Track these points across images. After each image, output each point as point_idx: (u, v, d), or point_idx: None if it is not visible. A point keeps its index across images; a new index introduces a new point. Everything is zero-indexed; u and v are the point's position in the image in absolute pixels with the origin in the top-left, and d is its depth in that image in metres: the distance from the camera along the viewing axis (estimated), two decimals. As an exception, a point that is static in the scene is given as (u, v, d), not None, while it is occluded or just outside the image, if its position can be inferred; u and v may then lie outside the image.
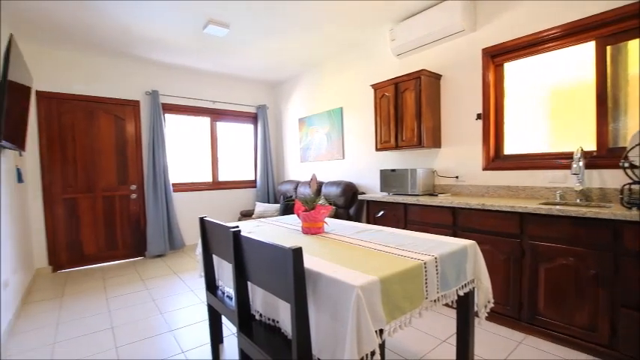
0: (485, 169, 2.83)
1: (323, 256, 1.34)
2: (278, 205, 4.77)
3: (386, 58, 3.65)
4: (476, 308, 1.56)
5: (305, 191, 4.43)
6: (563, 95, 2.48)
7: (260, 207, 4.78)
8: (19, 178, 3.14)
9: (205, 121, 5.03)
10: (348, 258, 1.31)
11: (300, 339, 1.06)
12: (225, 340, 2.24)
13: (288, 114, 5.42)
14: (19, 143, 2.42)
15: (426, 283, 1.25)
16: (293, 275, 1.02)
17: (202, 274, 1.98)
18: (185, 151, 4.87)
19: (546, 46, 2.48)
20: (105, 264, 4.19)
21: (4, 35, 2.94)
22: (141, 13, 3.03)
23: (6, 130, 1.97)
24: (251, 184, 5.49)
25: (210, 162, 5.09)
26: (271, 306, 1.41)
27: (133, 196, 4.37)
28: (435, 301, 1.30)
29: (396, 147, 3.25)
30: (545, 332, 2.08)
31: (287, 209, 4.46)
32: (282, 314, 1.33)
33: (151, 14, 3.07)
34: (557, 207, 2.00)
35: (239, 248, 1.36)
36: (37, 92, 3.69)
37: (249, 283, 1.46)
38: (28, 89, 2.65)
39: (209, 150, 5.07)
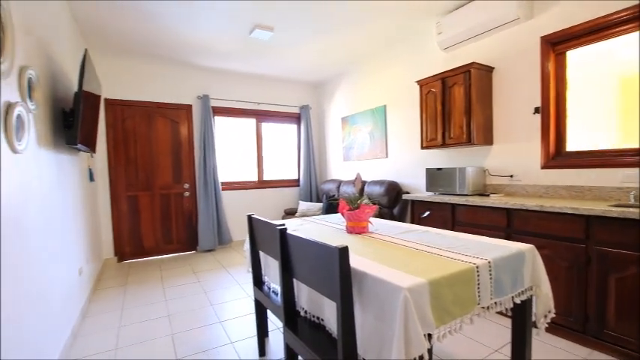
0: (544, 167, 2.62)
1: (368, 256, 1.33)
2: (321, 204, 4.81)
3: (431, 53, 3.52)
4: (534, 318, 1.45)
5: (348, 190, 4.42)
6: (635, 84, 2.20)
7: (303, 205, 4.86)
8: (91, 178, 3.51)
9: (251, 122, 5.23)
10: (394, 258, 1.29)
11: (345, 338, 1.06)
12: (270, 334, 2.31)
13: (331, 113, 5.45)
14: (91, 146, 2.70)
15: (479, 288, 1.18)
16: (339, 274, 1.02)
17: (250, 269, 2.06)
18: (232, 151, 5.11)
19: (614, 30, 2.22)
20: (161, 256, 4.53)
21: (80, 50, 3.30)
22: (195, 23, 3.23)
23: (81, 134, 2.21)
24: (294, 183, 5.61)
25: (256, 162, 5.28)
26: (316, 303, 1.42)
27: (186, 194, 4.68)
28: (487, 307, 1.23)
29: (443, 145, 3.12)
30: (616, 349, 1.87)
31: (330, 208, 4.49)
32: (327, 312, 1.34)
33: (204, 24, 3.25)
34: (632, 209, 1.79)
35: (285, 246, 1.39)
36: (105, 100, 4.09)
37: (294, 280, 1.49)
38: (98, 98, 2.95)
39: (255, 150, 5.27)
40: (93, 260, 3.40)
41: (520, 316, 1.44)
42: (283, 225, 1.41)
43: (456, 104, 2.95)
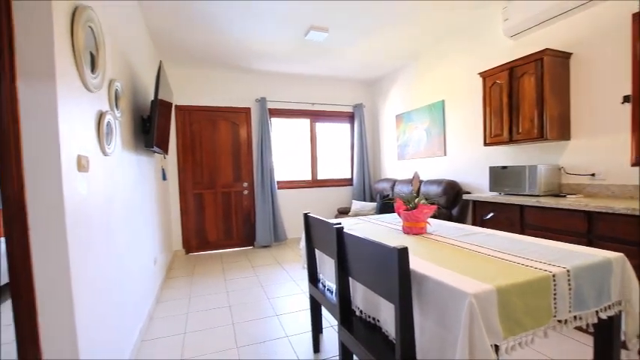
0: (635, 164, 2.27)
1: (428, 258, 1.28)
2: (374, 204, 4.75)
3: (496, 42, 3.26)
4: (623, 337, 1.27)
5: (403, 190, 4.30)
6: None
7: (357, 205, 4.84)
8: (164, 177, 3.88)
9: (305, 122, 5.34)
10: (457, 262, 1.22)
11: (404, 342, 1.03)
12: (324, 330, 2.34)
13: (385, 111, 5.34)
14: (164, 148, 2.99)
15: (555, 299, 1.07)
16: (398, 276, 0.99)
17: (305, 266, 2.11)
18: (288, 151, 5.27)
19: None
20: (222, 250, 4.84)
21: (155, 61, 3.67)
22: (255, 31, 3.40)
23: (156, 138, 2.46)
24: (348, 182, 5.61)
25: (310, 161, 5.38)
26: (372, 304, 1.41)
27: (245, 192, 4.95)
28: (565, 321, 1.10)
29: (510, 141, 2.87)
30: None
31: (384, 208, 4.40)
32: (384, 314, 1.32)
33: (263, 30, 3.41)
34: None
35: (342, 244, 1.40)
36: (175, 106, 4.49)
37: (350, 279, 1.49)
38: (170, 104, 3.25)
39: (309, 149, 5.37)
40: (165, 251, 3.76)
41: (605, 335, 1.27)
42: (339, 224, 1.42)
43: (526, 96, 2.70)
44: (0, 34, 1.08)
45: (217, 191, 4.80)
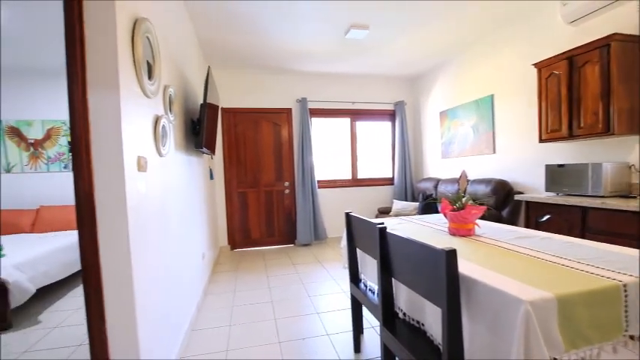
0: None
1: (477, 261, 1.21)
2: (416, 204, 4.61)
3: (552, 30, 3.00)
4: None
5: (447, 189, 4.13)
6: None
7: (398, 204, 4.73)
8: (211, 176, 4.10)
9: (345, 121, 5.33)
10: (510, 267, 1.15)
11: (451, 348, 0.99)
12: (364, 331, 2.32)
13: (428, 108, 5.16)
14: (212, 149, 3.15)
15: (627, 311, 0.96)
16: (446, 279, 0.96)
17: (346, 265, 2.11)
18: (328, 150, 5.29)
19: None
20: (265, 247, 4.99)
21: (202, 66, 3.88)
22: (296, 32, 3.47)
23: (205, 140, 2.59)
24: (388, 181, 5.50)
25: (350, 160, 5.36)
26: (416, 306, 1.37)
27: (287, 191, 5.06)
28: (637, 338, 0.99)
29: (570, 136, 2.63)
30: None
31: (427, 208, 4.26)
32: (429, 317, 1.28)
33: (302, 31, 3.46)
34: None
35: (385, 245, 1.38)
36: (221, 109, 4.71)
37: (393, 280, 1.46)
38: (217, 107, 3.41)
39: (349, 149, 5.35)
40: (212, 247, 3.96)
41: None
42: (382, 223, 1.40)
43: (589, 87, 2.46)
44: (74, 49, 1.21)
45: (260, 190, 4.96)
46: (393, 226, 2.03)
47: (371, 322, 2.45)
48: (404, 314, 1.49)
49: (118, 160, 1.30)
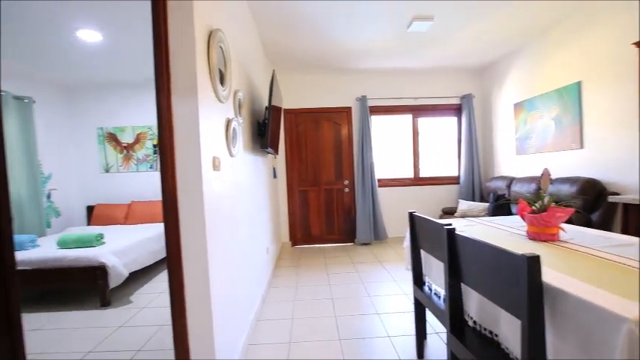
0: None
1: (563, 270, 1.08)
2: (486, 204, 4.27)
3: (664, 1, 2.53)
4: None
5: (522, 189, 3.75)
6: None
7: (464, 205, 4.44)
8: (274, 175, 4.29)
9: (407, 118, 5.15)
10: (604, 278, 1.00)
11: (533, 364, 0.90)
12: (427, 336, 2.22)
13: (500, 100, 4.73)
14: (275, 149, 3.30)
15: None
16: (527, 288, 0.87)
17: (409, 267, 2.04)
18: (388, 148, 5.18)
19: None
20: (324, 245, 5.07)
21: (266, 69, 4.07)
22: (354, 30, 3.44)
23: (269, 140, 2.72)
24: (453, 180, 5.19)
25: (412, 158, 5.17)
26: (489, 315, 1.27)
27: (346, 189, 5.07)
28: None
29: (686, 128, 2.20)
30: None
31: (498, 209, 3.92)
32: (504, 328, 1.17)
33: (362, 28, 3.42)
34: None
35: (453, 247, 1.30)
36: (284, 110, 4.89)
37: (462, 285, 1.38)
38: (280, 109, 3.56)
39: (410, 146, 5.17)
40: (275, 242, 4.15)
41: None
42: (450, 224, 1.32)
43: None
44: (161, 63, 1.35)
45: (320, 188, 5.05)
46: (462, 227, 1.91)
47: (435, 328, 2.34)
48: (474, 322, 1.40)
49: (196, 160, 1.42)
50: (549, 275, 1.03)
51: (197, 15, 1.43)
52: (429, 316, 2.19)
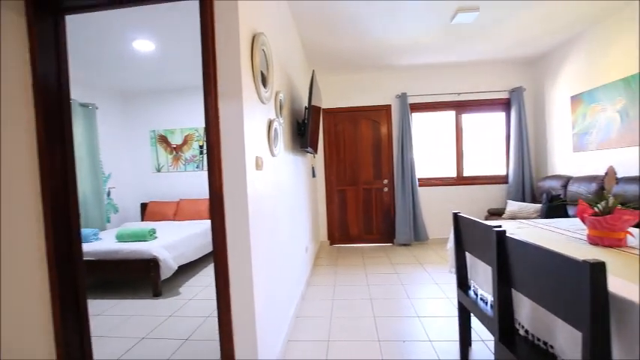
0: None
1: (631, 278, 0.98)
2: (538, 205, 3.97)
3: None
4: None
5: (580, 189, 3.44)
6: None
7: (513, 206, 4.16)
8: (313, 174, 4.33)
9: (450, 115, 4.95)
10: (685, 291, 0.89)
11: (596, 380, 0.82)
12: (472, 343, 2.12)
13: (555, 92, 4.37)
14: (315, 148, 3.33)
15: None
16: (590, 298, 0.79)
17: (453, 270, 1.96)
18: (430, 146, 5.01)
19: None
20: (362, 245, 5.03)
21: (306, 70, 4.12)
22: (395, 26, 3.37)
23: (309, 140, 2.75)
24: (501, 179, 4.89)
25: (455, 156, 4.95)
26: (544, 324, 1.18)
27: (385, 189, 4.99)
28: None
29: None
30: None
31: (552, 211, 3.63)
32: (562, 339, 1.09)
33: (403, 24, 3.34)
34: None
35: (503, 250, 1.23)
36: (322, 109, 4.92)
37: (512, 291, 1.29)
38: (319, 109, 3.58)
39: (453, 144, 4.95)
40: (313, 241, 4.19)
41: None
42: (499, 226, 1.25)
43: None
44: (208, 68, 1.43)
45: (359, 188, 5.02)
46: (512, 229, 1.80)
47: (480, 335, 2.22)
48: (526, 331, 1.31)
49: (240, 160, 1.48)
50: (616, 283, 0.93)
51: (242, 21, 1.49)
52: (474, 322, 2.09)
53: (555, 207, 3.63)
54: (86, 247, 3.29)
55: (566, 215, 3.53)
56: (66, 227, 1.64)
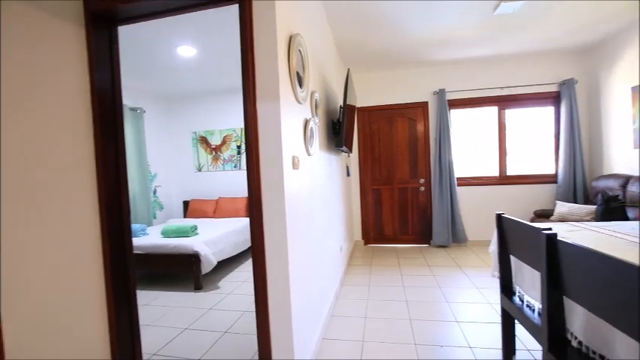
0: None
1: None
2: (592, 207, 3.66)
3: None
4: None
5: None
6: None
7: (562, 207, 3.87)
8: (348, 173, 4.32)
9: (492, 110, 4.70)
10: None
11: (665, 401, 0.74)
12: (517, 352, 2.00)
13: (612, 84, 4.00)
14: (349, 147, 3.32)
15: None
16: (658, 309, 0.72)
17: (496, 274, 1.87)
18: (470, 144, 4.80)
19: None
20: (397, 245, 4.93)
21: (340, 69, 4.11)
22: (433, 20, 3.26)
23: (344, 139, 2.75)
24: (549, 178, 4.57)
25: (497, 154, 4.70)
26: (600, 336, 1.09)
27: (422, 188, 4.85)
28: None
29: None
30: None
31: (609, 213, 3.33)
32: (622, 353, 1.00)
33: (442, 17, 3.22)
34: None
35: (554, 255, 1.15)
36: (357, 108, 4.89)
37: (564, 299, 1.21)
38: (354, 108, 3.57)
39: (496, 141, 4.70)
40: (347, 240, 4.18)
41: None
42: (550, 229, 1.17)
43: None
44: (247, 71, 1.47)
45: (394, 187, 4.93)
46: (564, 233, 1.68)
47: (525, 344, 2.10)
48: (579, 343, 1.21)
49: (278, 159, 1.51)
50: (689, 296, 0.84)
51: (279, 22, 1.52)
52: (519, 329, 1.98)
53: (613, 209, 3.33)
54: (135, 241, 3.53)
55: (625, 218, 3.23)
56: (118, 222, 1.77)
